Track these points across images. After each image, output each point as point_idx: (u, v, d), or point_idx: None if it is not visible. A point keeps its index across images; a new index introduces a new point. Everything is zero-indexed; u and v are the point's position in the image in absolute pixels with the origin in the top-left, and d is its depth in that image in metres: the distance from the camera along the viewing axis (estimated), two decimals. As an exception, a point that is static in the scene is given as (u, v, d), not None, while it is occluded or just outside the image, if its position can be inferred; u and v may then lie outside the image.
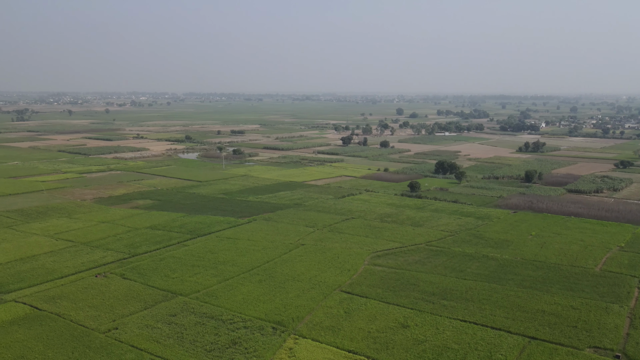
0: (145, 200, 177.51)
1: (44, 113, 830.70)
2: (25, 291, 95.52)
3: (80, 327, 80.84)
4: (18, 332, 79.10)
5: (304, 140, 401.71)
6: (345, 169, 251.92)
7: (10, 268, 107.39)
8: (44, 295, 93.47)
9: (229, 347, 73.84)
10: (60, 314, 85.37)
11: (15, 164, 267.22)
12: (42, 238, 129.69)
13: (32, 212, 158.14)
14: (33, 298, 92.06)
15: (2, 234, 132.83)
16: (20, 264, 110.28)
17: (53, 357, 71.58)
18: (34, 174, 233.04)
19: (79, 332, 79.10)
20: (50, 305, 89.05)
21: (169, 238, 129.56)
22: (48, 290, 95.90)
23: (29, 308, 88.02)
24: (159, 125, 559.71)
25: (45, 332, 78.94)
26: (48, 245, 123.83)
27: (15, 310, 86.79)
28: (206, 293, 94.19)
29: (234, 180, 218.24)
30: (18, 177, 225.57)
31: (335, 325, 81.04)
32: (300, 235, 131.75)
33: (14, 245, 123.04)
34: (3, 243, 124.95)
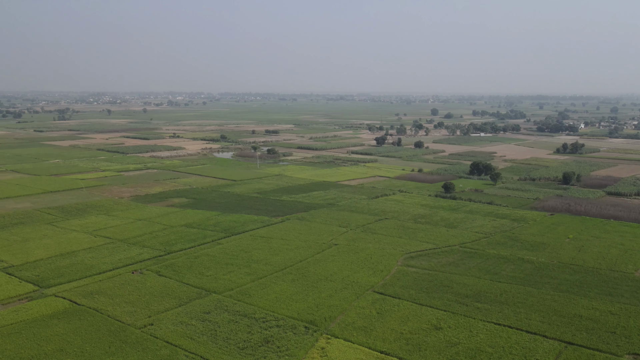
0: (181, 198, 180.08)
1: (84, 112, 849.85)
2: (64, 286, 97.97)
3: (117, 322, 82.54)
4: (58, 325, 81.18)
5: (337, 140, 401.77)
6: (379, 169, 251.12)
7: (51, 263, 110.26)
8: (83, 290, 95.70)
9: (262, 346, 74.42)
10: (98, 309, 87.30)
11: (57, 162, 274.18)
12: (81, 234, 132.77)
13: (72, 209, 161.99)
14: (72, 293, 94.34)
15: (44, 230, 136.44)
16: (60, 259, 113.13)
17: (91, 351, 73.24)
18: (74, 172, 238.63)
19: (115, 327, 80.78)
20: (88, 300, 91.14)
21: (203, 236, 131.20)
22: (86, 285, 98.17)
23: (68, 303, 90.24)
24: (195, 125, 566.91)
25: (83, 327, 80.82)
26: (87, 241, 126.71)
27: (55, 305, 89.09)
28: (239, 291, 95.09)
29: (268, 180, 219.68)
30: (59, 174, 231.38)
31: (367, 325, 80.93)
32: (334, 235, 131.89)
33: (54, 241, 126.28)
34: (44, 239, 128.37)
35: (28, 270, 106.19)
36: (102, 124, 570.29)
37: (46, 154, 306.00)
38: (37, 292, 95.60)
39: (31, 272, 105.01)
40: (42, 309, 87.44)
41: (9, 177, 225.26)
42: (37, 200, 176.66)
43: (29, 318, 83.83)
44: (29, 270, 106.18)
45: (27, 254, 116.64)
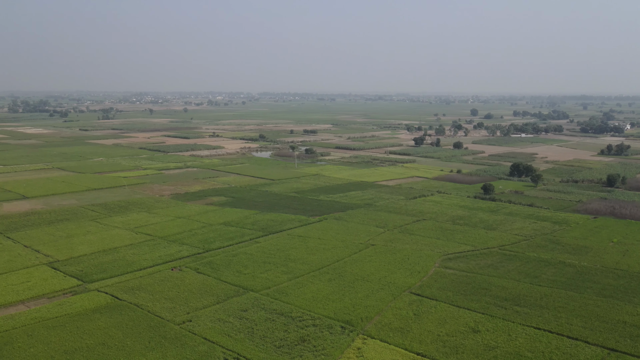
0: (220, 197, 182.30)
1: (127, 112, 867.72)
2: (107, 281, 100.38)
3: (157, 317, 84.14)
4: (100, 320, 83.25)
5: (375, 140, 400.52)
6: (417, 170, 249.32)
7: (94, 259, 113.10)
8: (124, 285, 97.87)
9: (298, 344, 74.83)
10: (139, 305, 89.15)
11: (100, 160, 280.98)
12: (123, 231, 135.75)
13: (115, 206, 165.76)
14: (114, 288, 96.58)
15: (87, 227, 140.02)
16: (103, 255, 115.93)
17: (131, 345, 74.88)
18: (117, 170, 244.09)
19: (155, 322, 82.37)
20: (129, 295, 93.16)
21: (241, 234, 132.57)
22: (128, 281, 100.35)
23: (110, 298, 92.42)
24: (234, 124, 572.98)
25: (124, 321, 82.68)
26: (128, 238, 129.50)
27: (97, 299, 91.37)
28: (276, 290, 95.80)
29: (305, 179, 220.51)
30: (102, 172, 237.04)
31: (404, 326, 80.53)
32: (371, 236, 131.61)
33: (97, 238, 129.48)
34: (88, 235, 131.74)
35: (72, 265, 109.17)
36: (144, 123, 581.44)
37: (90, 152, 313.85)
38: (81, 286, 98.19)
39: (75, 267, 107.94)
40: (85, 303, 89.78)
41: (55, 174, 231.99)
42: (82, 197, 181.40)
43: (72, 312, 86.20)
44: (73, 265, 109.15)
45: (71, 249, 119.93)
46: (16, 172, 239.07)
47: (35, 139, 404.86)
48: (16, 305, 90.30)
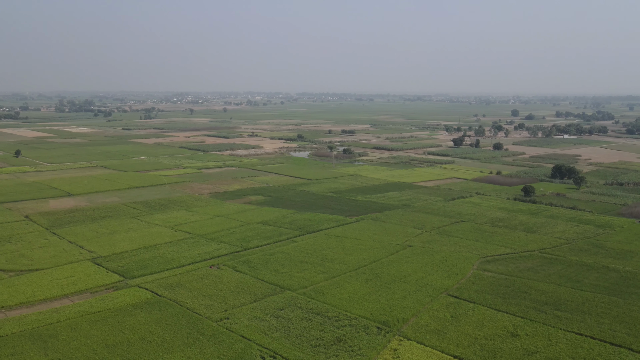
0: (258, 196, 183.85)
1: (168, 111, 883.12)
2: (147, 277, 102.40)
3: (195, 314, 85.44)
4: (140, 315, 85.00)
5: (414, 140, 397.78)
6: (456, 171, 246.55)
7: (135, 255, 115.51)
8: (164, 282, 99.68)
9: (334, 344, 74.95)
10: (178, 301, 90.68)
11: (142, 159, 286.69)
12: (163, 229, 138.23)
13: (155, 204, 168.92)
14: (154, 285, 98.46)
15: (129, 224, 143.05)
16: (144, 252, 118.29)
17: (170, 341, 76.24)
18: (158, 169, 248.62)
19: (193, 319, 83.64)
20: (169, 292, 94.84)
21: (279, 234, 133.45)
22: (167, 278, 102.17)
23: (150, 294, 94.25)
24: (273, 124, 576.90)
25: (164, 317, 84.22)
26: (168, 235, 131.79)
27: (138, 295, 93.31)
28: (313, 289, 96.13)
29: (343, 179, 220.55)
30: (144, 171, 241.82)
31: (441, 329, 79.85)
32: (408, 237, 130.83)
33: (138, 235, 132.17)
34: (130, 232, 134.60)
35: (114, 261, 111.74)
36: (184, 123, 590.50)
37: (133, 151, 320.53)
38: (122, 282, 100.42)
39: (117, 263, 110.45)
40: (126, 298, 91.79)
41: (99, 172, 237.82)
42: (124, 195, 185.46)
43: (114, 307, 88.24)
44: (115, 261, 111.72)
45: (113, 245, 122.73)
46: (62, 169, 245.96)
47: (80, 137, 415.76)
48: (61, 299, 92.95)
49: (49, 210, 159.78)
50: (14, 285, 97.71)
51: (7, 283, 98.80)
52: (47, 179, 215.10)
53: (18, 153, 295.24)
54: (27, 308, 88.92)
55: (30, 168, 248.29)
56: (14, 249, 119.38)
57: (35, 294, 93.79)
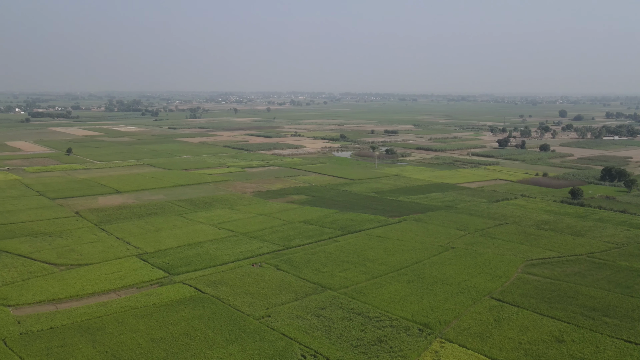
0: (300, 195, 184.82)
1: (213, 111, 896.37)
2: (191, 274, 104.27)
3: (237, 311, 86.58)
4: (184, 311, 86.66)
5: (457, 141, 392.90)
6: (501, 172, 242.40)
7: (180, 252, 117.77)
8: (207, 279, 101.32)
9: (375, 345, 74.83)
10: (220, 298, 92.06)
11: (187, 157, 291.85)
12: (207, 226, 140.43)
13: (200, 202, 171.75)
14: (197, 281, 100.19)
15: (174, 221, 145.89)
16: (188, 249, 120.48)
17: (213, 337, 77.49)
18: (202, 167, 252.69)
19: (235, 316, 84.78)
20: (211, 289, 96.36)
21: (320, 233, 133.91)
22: (210, 275, 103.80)
23: (194, 290, 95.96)
24: (315, 124, 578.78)
25: (206, 314, 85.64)
26: (212, 233, 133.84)
27: (182, 291, 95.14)
28: (354, 289, 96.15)
29: (385, 180, 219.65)
30: (189, 169, 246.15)
31: (483, 332, 78.77)
32: (451, 238, 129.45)
33: (183, 232, 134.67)
34: (174, 229, 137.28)
35: (159, 257, 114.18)
36: (229, 122, 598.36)
37: (178, 150, 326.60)
38: (167, 278, 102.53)
39: (162, 259, 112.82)
40: (170, 294, 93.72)
41: (146, 170, 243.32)
42: (169, 192, 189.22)
43: (159, 302, 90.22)
44: (160, 257, 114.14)
45: (159, 242, 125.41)
46: (111, 167, 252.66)
47: (128, 136, 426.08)
48: (108, 293, 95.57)
49: (98, 206, 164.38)
50: (65, 279, 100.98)
51: (58, 277, 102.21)
52: (97, 177, 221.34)
53: (69, 151, 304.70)
54: (76, 301, 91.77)
55: (80, 166, 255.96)
56: (64, 244, 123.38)
57: (84, 287, 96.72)
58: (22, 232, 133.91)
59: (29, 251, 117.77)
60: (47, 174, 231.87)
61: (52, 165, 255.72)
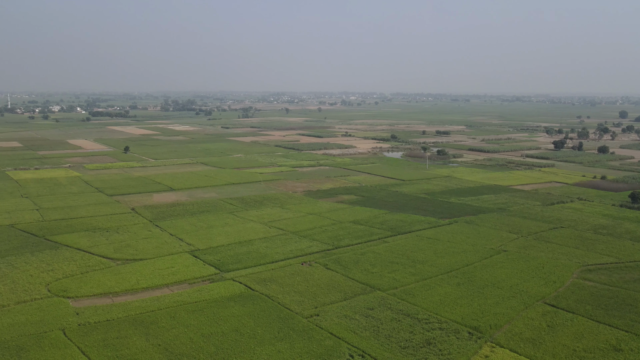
0: (350, 195, 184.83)
1: (265, 111, 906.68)
2: (241, 272, 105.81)
3: (286, 310, 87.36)
4: (234, 307, 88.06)
5: (511, 142, 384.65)
6: (556, 175, 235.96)
7: (231, 250, 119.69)
8: (257, 277, 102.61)
9: (423, 347, 74.20)
10: (270, 296, 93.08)
11: (239, 156, 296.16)
12: (257, 225, 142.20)
13: (251, 200, 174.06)
14: (247, 279, 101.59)
15: (225, 219, 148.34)
16: (239, 246, 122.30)
17: (262, 334, 78.47)
18: (254, 166, 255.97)
19: (284, 314, 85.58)
20: (261, 286, 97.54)
21: (370, 233, 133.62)
22: (260, 272, 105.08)
23: (244, 287, 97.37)
24: (366, 124, 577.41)
25: (256, 311, 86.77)
26: (262, 231, 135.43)
27: (232, 288, 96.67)
28: (403, 290, 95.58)
29: (436, 181, 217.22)
30: (241, 168, 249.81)
31: (536, 338, 76.97)
32: (503, 241, 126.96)
33: (234, 230, 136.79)
34: (226, 227, 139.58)
35: (211, 254, 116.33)
36: (280, 122, 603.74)
37: (230, 149, 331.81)
38: (218, 275, 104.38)
39: (213, 256, 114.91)
40: (221, 291, 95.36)
41: (199, 168, 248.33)
42: (221, 190, 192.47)
43: (209, 298, 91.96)
44: (211, 254, 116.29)
45: (210, 239, 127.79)
46: (165, 165, 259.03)
47: (182, 135, 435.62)
48: (161, 288, 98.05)
49: (153, 203, 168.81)
50: (120, 273, 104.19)
51: (114, 271, 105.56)
52: (152, 174, 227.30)
53: (127, 149, 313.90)
54: (131, 295, 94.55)
55: (137, 163, 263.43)
56: (121, 239, 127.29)
57: (139, 282, 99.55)
58: (82, 227, 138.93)
59: (87, 245, 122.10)
60: (106, 171, 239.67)
61: (110, 163, 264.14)
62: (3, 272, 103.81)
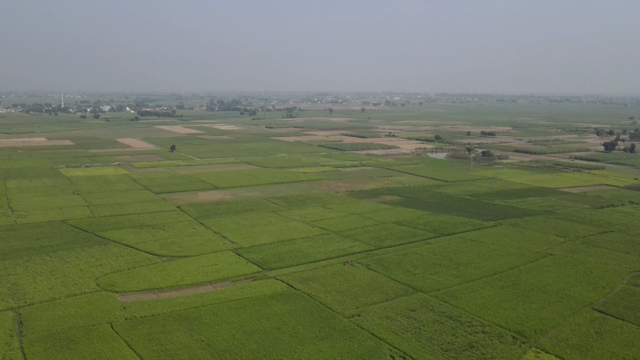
0: (393, 196, 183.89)
1: (308, 111, 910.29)
2: (283, 270, 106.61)
3: (328, 309, 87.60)
4: (276, 306, 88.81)
5: (559, 144, 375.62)
6: (606, 177, 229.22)
7: (273, 248, 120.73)
8: (299, 276, 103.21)
9: (466, 350, 73.31)
10: (311, 295, 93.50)
11: (283, 156, 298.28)
12: (300, 224, 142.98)
13: (294, 200, 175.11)
14: (290, 277, 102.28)
15: (268, 218, 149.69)
16: (281, 245, 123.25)
17: (303, 332, 78.92)
18: (297, 166, 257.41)
19: (326, 313, 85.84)
20: (303, 285, 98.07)
21: (413, 234, 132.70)
22: (302, 272, 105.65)
23: (286, 286, 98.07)
24: (410, 125, 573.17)
25: (297, 310, 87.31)
26: (305, 231, 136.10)
27: (274, 287, 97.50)
28: (446, 292, 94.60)
29: (481, 182, 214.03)
30: (284, 167, 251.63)
31: (583, 344, 75.04)
32: (549, 245, 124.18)
33: (277, 229, 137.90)
34: (269, 226, 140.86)
35: (254, 252, 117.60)
36: (323, 122, 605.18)
37: (274, 148, 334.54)
38: (260, 273, 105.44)
39: (256, 254, 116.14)
40: (263, 289, 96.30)
41: (243, 167, 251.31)
42: (265, 190, 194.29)
43: (252, 296, 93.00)
44: (254, 252, 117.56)
45: (253, 238, 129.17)
46: (210, 164, 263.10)
47: (227, 135, 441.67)
48: (205, 285, 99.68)
49: (198, 201, 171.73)
50: (166, 269, 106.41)
51: (160, 267, 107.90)
52: (197, 173, 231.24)
53: (173, 148, 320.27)
54: (176, 291, 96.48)
55: (182, 162, 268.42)
56: (166, 236, 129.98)
57: (183, 278, 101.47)
58: (129, 223, 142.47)
59: (134, 242, 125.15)
60: (153, 169, 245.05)
61: (157, 162, 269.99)
62: (55, 266, 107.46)
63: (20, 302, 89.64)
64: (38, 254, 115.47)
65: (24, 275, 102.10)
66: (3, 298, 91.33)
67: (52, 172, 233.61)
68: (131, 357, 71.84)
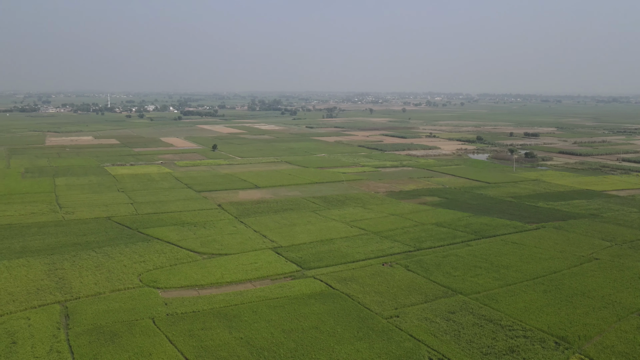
0: (433, 197, 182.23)
1: (349, 111, 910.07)
2: (322, 270, 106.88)
3: (366, 309, 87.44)
4: (314, 305, 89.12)
5: (606, 146, 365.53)
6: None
7: (312, 248, 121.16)
8: (337, 275, 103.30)
9: (506, 354, 72.13)
10: (350, 295, 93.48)
11: (323, 156, 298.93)
12: (339, 224, 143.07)
13: (333, 199, 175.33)
14: (328, 277, 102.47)
15: (308, 217, 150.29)
16: (320, 245, 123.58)
17: (341, 332, 78.98)
18: (337, 166, 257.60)
19: (364, 314, 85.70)
20: (341, 285, 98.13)
21: (453, 236, 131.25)
22: (341, 271, 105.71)
23: (324, 285, 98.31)
24: (451, 125, 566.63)
25: (336, 309, 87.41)
26: (344, 231, 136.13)
27: (313, 286, 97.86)
28: (486, 295, 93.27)
29: (523, 184, 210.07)
30: (324, 167, 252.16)
31: (630, 352, 72.91)
32: (594, 249, 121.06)
33: (316, 228, 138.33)
34: (308, 225, 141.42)
35: (293, 251, 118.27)
36: (364, 122, 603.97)
37: (314, 148, 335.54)
38: (299, 272, 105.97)
39: (295, 253, 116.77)
40: (302, 288, 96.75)
41: (283, 167, 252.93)
42: (304, 189, 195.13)
43: (291, 295, 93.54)
44: (293, 251, 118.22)
45: (293, 237, 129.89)
46: (251, 164, 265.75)
47: (268, 134, 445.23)
48: (244, 283, 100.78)
49: (238, 200, 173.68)
50: (206, 267, 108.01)
51: (201, 264, 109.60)
52: (238, 172, 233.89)
53: (214, 147, 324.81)
54: (216, 288, 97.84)
55: (224, 161, 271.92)
56: (207, 234, 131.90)
57: (223, 276, 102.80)
58: (172, 221, 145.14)
59: (176, 239, 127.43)
60: (194, 168, 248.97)
61: (199, 160, 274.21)
62: (100, 261, 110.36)
63: (67, 296, 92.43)
64: (84, 249, 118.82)
65: (71, 270, 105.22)
66: (51, 292, 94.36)
67: (98, 170, 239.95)
68: (172, 352, 73.22)
